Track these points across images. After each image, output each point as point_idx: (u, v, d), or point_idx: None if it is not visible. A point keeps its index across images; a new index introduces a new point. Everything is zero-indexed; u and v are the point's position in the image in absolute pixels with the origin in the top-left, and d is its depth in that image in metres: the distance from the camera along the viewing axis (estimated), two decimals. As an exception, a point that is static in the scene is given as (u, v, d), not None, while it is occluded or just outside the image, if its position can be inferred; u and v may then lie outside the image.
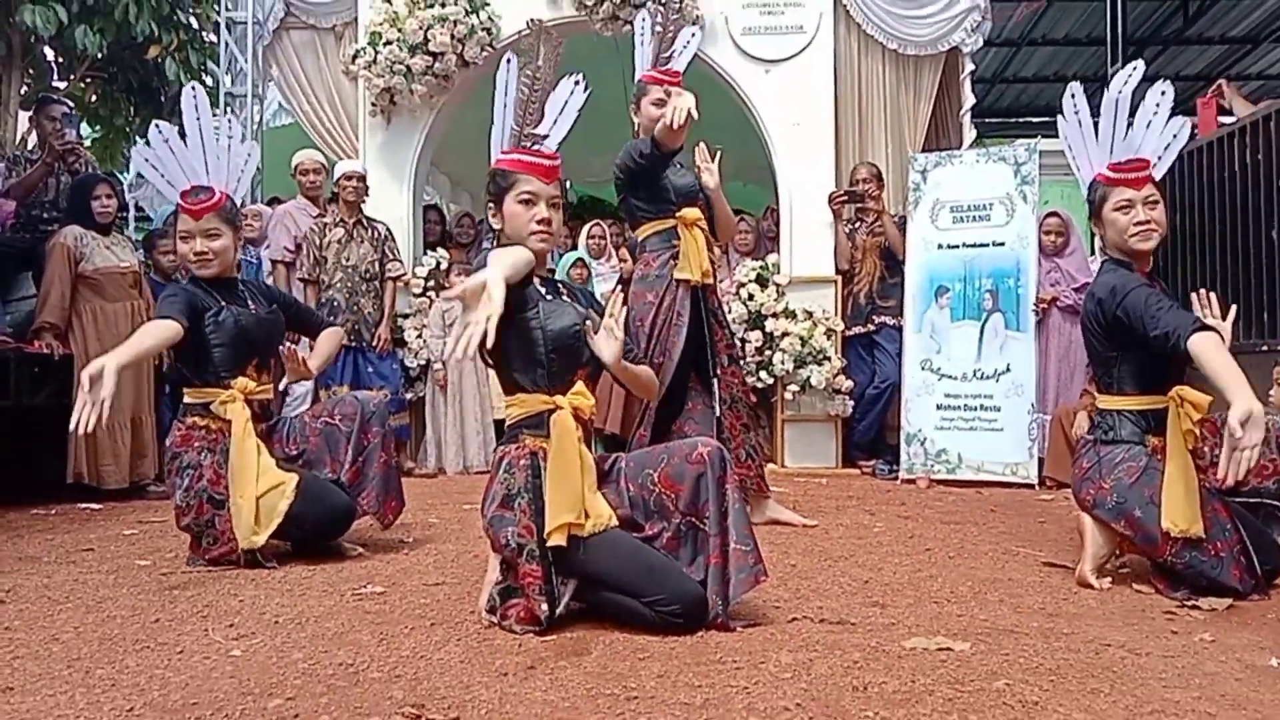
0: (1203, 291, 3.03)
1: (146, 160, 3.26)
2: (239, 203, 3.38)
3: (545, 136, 2.62)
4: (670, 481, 2.38)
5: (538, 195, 2.49)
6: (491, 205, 2.55)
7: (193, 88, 3.36)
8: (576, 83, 2.68)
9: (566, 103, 2.66)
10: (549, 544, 2.29)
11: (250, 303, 3.30)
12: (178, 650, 2.14)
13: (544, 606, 2.29)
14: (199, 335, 3.13)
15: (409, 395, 6.00)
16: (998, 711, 1.76)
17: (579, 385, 2.48)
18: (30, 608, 2.56)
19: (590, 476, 2.40)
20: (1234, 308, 3.15)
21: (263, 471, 3.06)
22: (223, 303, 3.21)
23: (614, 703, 1.79)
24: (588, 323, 2.50)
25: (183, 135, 3.32)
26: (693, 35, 3.94)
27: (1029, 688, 1.89)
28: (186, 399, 3.23)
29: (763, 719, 1.71)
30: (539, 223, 2.48)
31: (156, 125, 3.34)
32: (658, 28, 3.77)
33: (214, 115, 3.39)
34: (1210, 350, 2.52)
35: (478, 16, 6.09)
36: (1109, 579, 2.88)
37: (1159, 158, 2.95)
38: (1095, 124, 2.99)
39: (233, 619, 2.41)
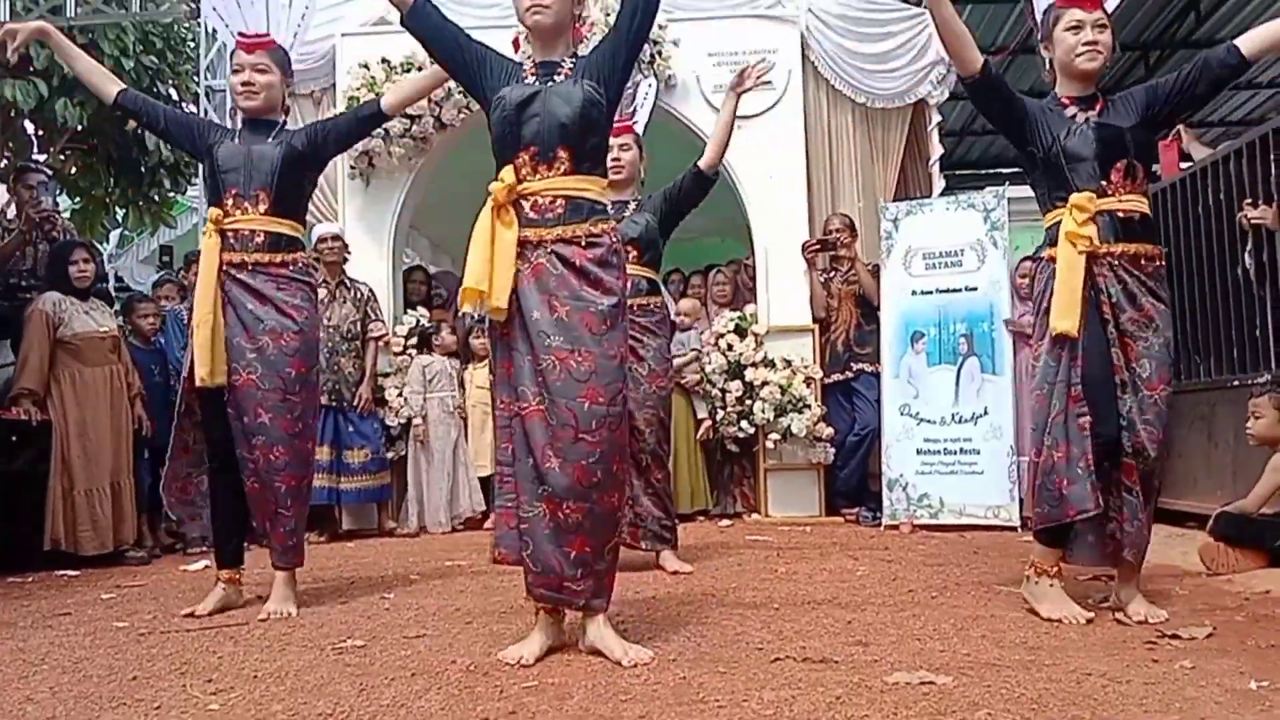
0: None
1: (215, 9, 3.38)
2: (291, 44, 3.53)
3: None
4: None
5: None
6: None
7: None
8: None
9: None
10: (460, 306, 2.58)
11: (270, 139, 3.33)
12: (155, 706, 2.12)
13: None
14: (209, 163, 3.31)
15: (390, 454, 5.97)
16: (979, 740, 1.77)
17: (509, 170, 2.56)
18: (5, 671, 2.52)
19: (506, 252, 2.51)
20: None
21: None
22: (237, 140, 3.32)
23: (595, 743, 1.79)
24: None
25: None
26: (650, 86, 4.05)
27: (1011, 717, 1.90)
28: None
29: (744, 754, 1.71)
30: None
31: None
32: None
33: None
34: None
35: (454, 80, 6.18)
36: (1091, 613, 2.88)
37: None
38: None
39: (211, 675, 2.39)
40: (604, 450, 2.44)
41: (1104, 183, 2.91)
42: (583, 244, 2.53)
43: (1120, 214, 2.91)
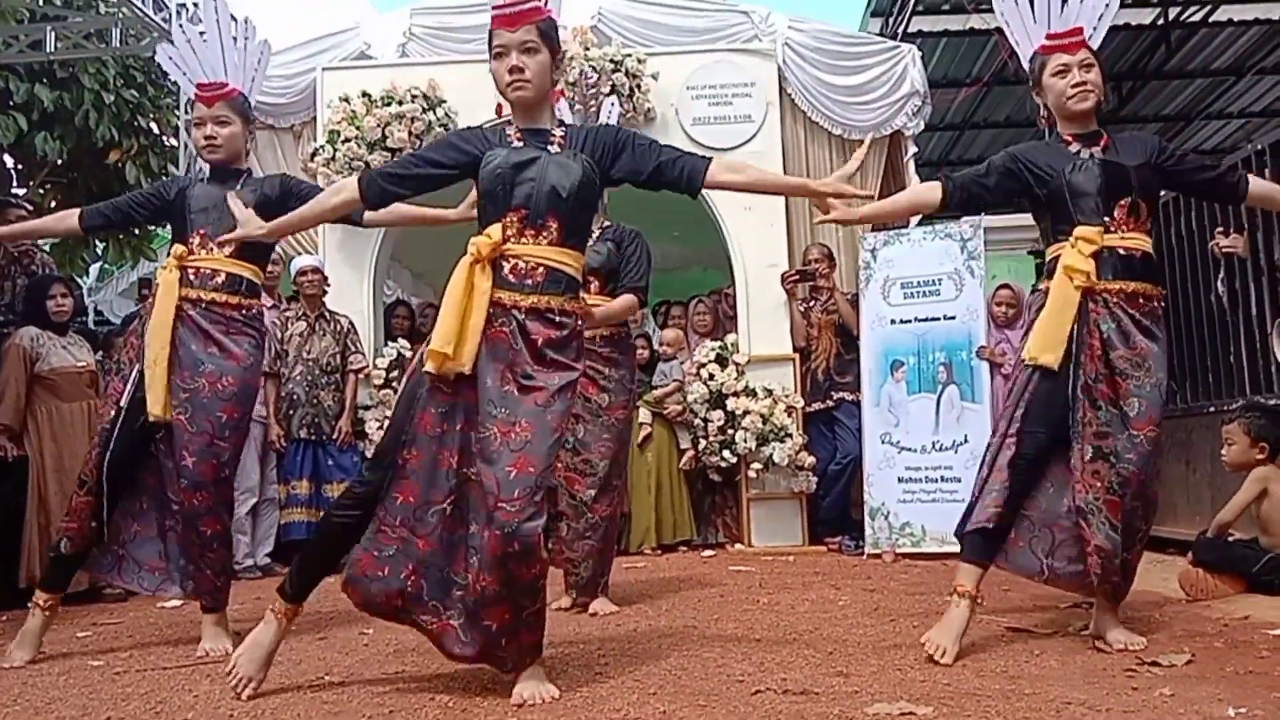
0: None
1: (170, 58, 3.44)
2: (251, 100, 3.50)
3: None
4: None
5: (508, 46, 2.56)
6: None
7: None
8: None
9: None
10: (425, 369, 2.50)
11: (240, 186, 3.31)
12: (128, 747, 2.09)
13: None
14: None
15: (371, 488, 5.93)
16: (958, 771, 1.77)
17: (496, 228, 2.53)
18: (-24, 713, 2.49)
19: (478, 311, 2.49)
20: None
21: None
22: (209, 184, 3.35)
23: (574, 779, 1.77)
24: None
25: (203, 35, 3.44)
26: (613, 106, 4.09)
27: (990, 747, 1.90)
28: None
29: (723, 788, 1.70)
30: (510, 71, 2.55)
31: (180, 25, 3.46)
32: (577, 106, 3.88)
33: (232, 19, 3.50)
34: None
35: (434, 113, 6.21)
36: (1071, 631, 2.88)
37: (1094, 28, 3.04)
38: (1031, 1, 3.10)
39: (186, 714, 2.36)
40: (523, 520, 2.34)
41: (1107, 219, 2.91)
42: (554, 318, 2.51)
43: (1121, 251, 2.91)
